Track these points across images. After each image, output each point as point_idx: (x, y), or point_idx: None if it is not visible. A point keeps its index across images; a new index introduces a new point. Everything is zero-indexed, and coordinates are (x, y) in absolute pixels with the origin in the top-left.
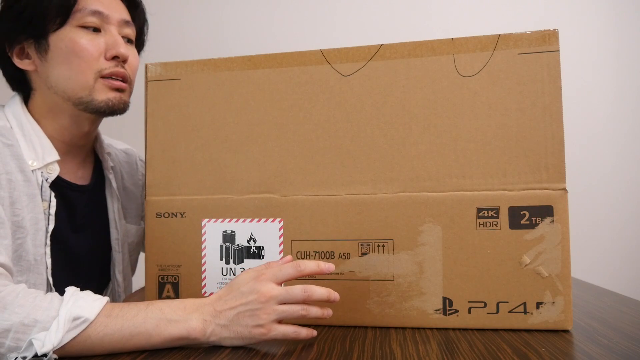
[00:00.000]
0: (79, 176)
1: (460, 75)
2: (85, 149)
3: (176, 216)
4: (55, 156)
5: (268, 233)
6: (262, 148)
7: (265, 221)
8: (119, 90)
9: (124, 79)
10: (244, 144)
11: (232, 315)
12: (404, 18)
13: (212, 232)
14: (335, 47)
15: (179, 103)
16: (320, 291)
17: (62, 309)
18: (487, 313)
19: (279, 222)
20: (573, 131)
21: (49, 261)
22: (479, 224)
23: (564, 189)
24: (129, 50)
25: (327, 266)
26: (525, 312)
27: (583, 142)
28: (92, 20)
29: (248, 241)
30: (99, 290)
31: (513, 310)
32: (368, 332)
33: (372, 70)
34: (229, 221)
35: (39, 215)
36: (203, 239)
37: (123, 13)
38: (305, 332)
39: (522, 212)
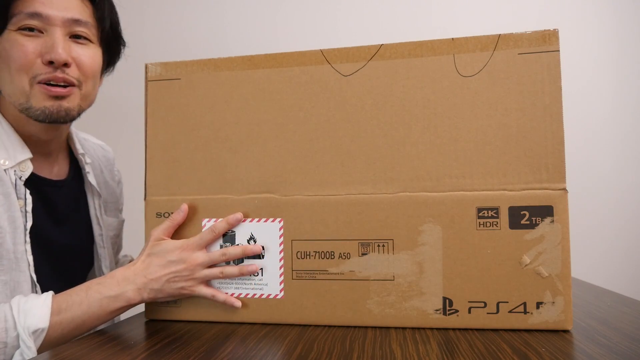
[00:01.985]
0: (55, 172)
1: (460, 75)
2: (59, 147)
3: None
4: (28, 154)
5: (268, 233)
6: (262, 148)
7: (265, 221)
8: (58, 97)
9: (67, 83)
10: (244, 144)
11: (163, 281)
12: (404, 18)
13: None
14: (335, 47)
15: (179, 103)
16: (234, 251)
17: (19, 326)
18: (487, 313)
19: (279, 222)
20: (573, 131)
21: (30, 258)
22: (479, 224)
23: (564, 189)
24: (79, 51)
25: (234, 217)
26: (525, 312)
27: (583, 142)
28: (32, 23)
29: (248, 241)
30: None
31: (513, 310)
32: (368, 332)
33: (372, 70)
34: None
35: (16, 214)
36: None
37: (72, 11)
38: (222, 297)
39: (522, 212)
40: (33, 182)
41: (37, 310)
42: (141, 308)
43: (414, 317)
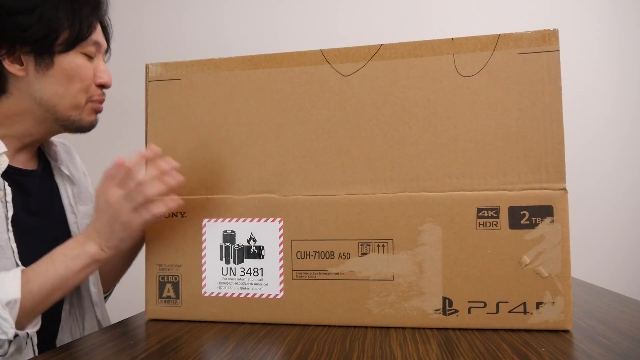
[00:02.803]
0: (28, 164)
1: (460, 75)
2: (36, 146)
3: (176, 216)
4: (3, 148)
5: (268, 233)
6: (262, 148)
7: (266, 221)
8: (98, 112)
9: (103, 102)
10: (244, 144)
11: (108, 230)
12: (404, 18)
13: (213, 232)
14: (335, 47)
15: (179, 103)
16: (148, 179)
17: None
18: (487, 313)
19: (279, 222)
20: (573, 131)
21: (14, 245)
22: (479, 224)
23: (564, 189)
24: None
25: (148, 151)
26: (525, 312)
27: (583, 142)
28: (92, 50)
29: (248, 241)
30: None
31: (513, 310)
32: (368, 332)
33: (372, 70)
34: (229, 221)
35: None
36: (203, 238)
37: (106, 44)
38: (164, 208)
39: (522, 212)
40: (9, 174)
41: (7, 284)
42: (141, 308)
43: (414, 317)
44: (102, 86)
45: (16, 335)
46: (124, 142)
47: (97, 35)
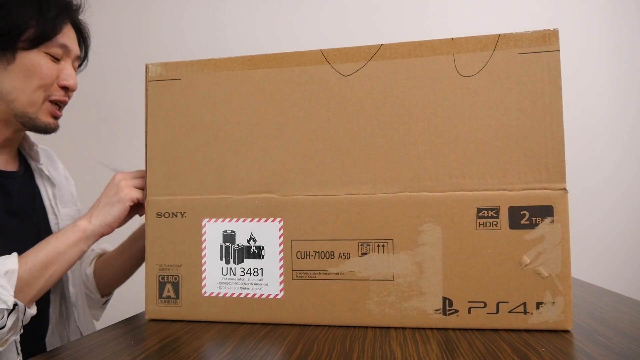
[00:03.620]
0: (8, 166)
1: (460, 75)
2: (14, 147)
3: (176, 216)
4: None
5: (268, 233)
6: (262, 148)
7: (265, 221)
8: (56, 117)
9: (63, 106)
10: (244, 144)
11: (100, 204)
12: (404, 18)
13: (213, 232)
14: (335, 47)
15: (179, 103)
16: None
17: None
18: (487, 313)
19: (279, 222)
20: (573, 131)
21: None
22: (479, 224)
23: (564, 189)
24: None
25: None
26: (525, 312)
27: (583, 142)
28: (58, 52)
29: (248, 241)
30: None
31: (513, 311)
32: (368, 332)
33: (372, 70)
34: (229, 221)
35: None
36: (203, 238)
37: (78, 49)
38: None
39: (522, 212)
40: None
41: (4, 260)
42: (141, 308)
43: (414, 317)
44: (66, 89)
45: (15, 305)
46: (124, 141)
47: (66, 39)
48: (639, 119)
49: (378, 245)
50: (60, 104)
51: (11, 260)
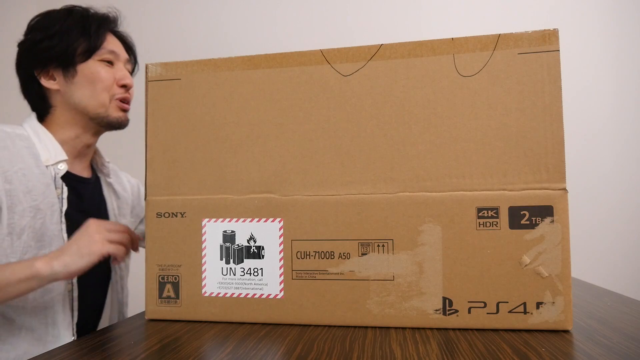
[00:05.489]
0: (84, 174)
1: (460, 75)
2: (88, 157)
3: (176, 216)
4: (64, 156)
5: (268, 233)
6: (262, 148)
7: (265, 221)
8: (124, 110)
9: (128, 102)
10: (243, 144)
11: (67, 248)
12: (404, 18)
13: (212, 232)
14: (335, 47)
15: (179, 103)
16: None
17: None
18: (487, 313)
19: (279, 222)
20: (573, 131)
21: (65, 236)
22: (479, 224)
23: (564, 189)
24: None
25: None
26: (525, 312)
27: (583, 142)
28: (109, 57)
29: (248, 241)
30: (104, 273)
31: (513, 310)
32: (368, 332)
33: (372, 70)
34: (229, 221)
35: (54, 200)
36: (203, 238)
37: (126, 53)
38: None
39: (522, 212)
40: (67, 178)
41: None
42: (141, 308)
43: (414, 317)
44: (124, 86)
45: None
46: (124, 140)
47: (112, 46)
48: (639, 119)
49: (378, 245)
50: (124, 101)
51: None
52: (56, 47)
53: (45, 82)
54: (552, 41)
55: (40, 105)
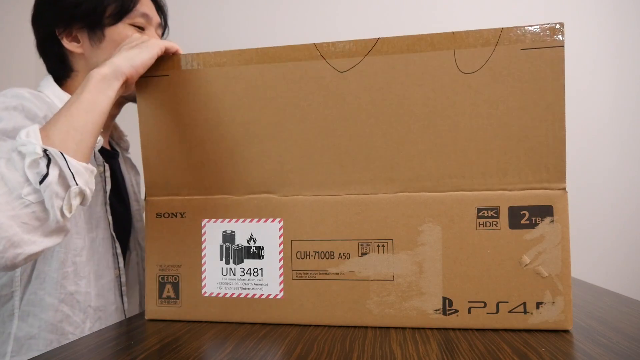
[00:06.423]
0: (108, 149)
1: (460, 71)
2: (109, 130)
3: (176, 216)
4: None
5: (268, 233)
6: (259, 148)
7: (265, 221)
8: None
9: None
10: (240, 144)
11: (120, 52)
12: (402, 11)
13: (212, 232)
14: (329, 41)
15: (169, 100)
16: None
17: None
18: (487, 313)
19: (279, 222)
20: (573, 131)
21: (110, 218)
22: (479, 224)
23: (564, 189)
24: None
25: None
26: (525, 312)
27: (583, 142)
28: (141, 21)
29: (248, 241)
30: (123, 254)
31: (513, 310)
32: (368, 332)
33: (369, 66)
34: (229, 221)
35: (97, 179)
36: (203, 239)
37: (159, 18)
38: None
39: (522, 212)
40: (103, 152)
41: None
42: (141, 308)
43: (414, 317)
44: None
45: (45, 151)
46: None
47: (145, 8)
48: (639, 119)
49: (378, 245)
50: None
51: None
52: (83, 5)
53: (67, 44)
54: (556, 37)
55: (60, 68)
